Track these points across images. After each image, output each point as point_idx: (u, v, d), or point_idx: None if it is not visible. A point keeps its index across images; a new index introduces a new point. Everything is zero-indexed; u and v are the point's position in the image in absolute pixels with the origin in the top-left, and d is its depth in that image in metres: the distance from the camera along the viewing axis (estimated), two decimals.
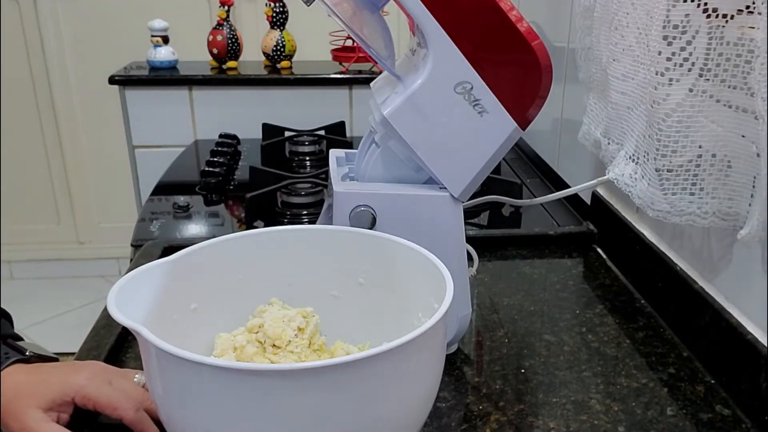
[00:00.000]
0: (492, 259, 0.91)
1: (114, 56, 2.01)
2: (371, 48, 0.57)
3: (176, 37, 1.66)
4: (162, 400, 0.45)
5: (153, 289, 0.50)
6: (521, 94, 0.59)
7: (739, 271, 0.64)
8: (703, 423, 0.59)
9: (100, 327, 0.71)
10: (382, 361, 0.41)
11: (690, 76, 0.59)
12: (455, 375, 0.66)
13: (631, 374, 0.66)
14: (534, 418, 0.60)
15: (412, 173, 0.63)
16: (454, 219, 0.63)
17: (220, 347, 0.54)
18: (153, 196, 1.15)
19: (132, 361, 0.68)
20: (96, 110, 2.43)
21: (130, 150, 1.59)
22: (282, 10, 1.56)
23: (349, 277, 0.59)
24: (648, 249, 0.79)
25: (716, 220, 0.63)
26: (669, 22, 0.59)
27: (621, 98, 0.72)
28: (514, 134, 0.60)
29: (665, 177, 0.63)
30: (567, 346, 0.71)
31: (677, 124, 0.61)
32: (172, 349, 0.40)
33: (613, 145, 0.78)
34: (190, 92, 1.55)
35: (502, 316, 0.77)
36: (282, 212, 1.05)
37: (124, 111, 1.56)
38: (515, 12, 0.57)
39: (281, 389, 0.40)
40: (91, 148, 2.50)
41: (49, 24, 2.33)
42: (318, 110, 1.55)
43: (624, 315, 0.77)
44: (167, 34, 1.61)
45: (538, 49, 0.57)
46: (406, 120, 0.59)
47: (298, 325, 0.55)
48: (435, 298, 0.49)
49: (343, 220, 0.61)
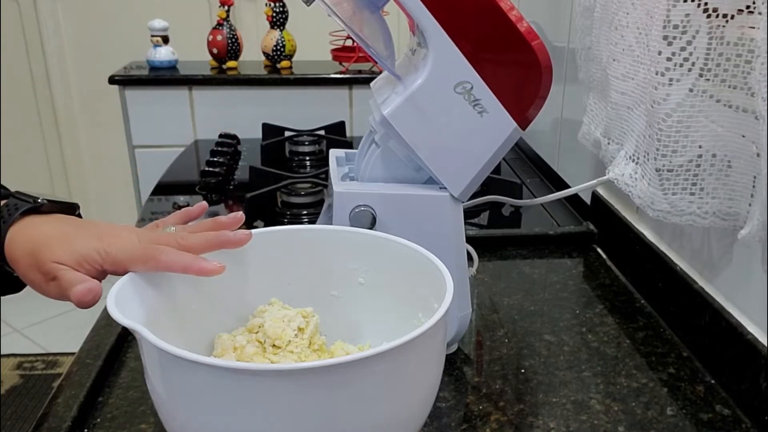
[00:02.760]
0: (492, 259, 0.91)
1: (114, 56, 2.01)
2: (371, 48, 0.57)
3: (176, 37, 1.66)
4: (162, 400, 0.45)
5: (153, 289, 0.50)
6: (521, 94, 0.59)
7: (739, 271, 0.64)
8: (703, 423, 0.59)
9: (100, 327, 0.71)
10: (382, 361, 0.41)
11: (690, 76, 0.59)
12: (455, 375, 0.66)
13: (631, 374, 0.66)
14: (534, 418, 0.60)
15: (412, 173, 0.63)
16: (454, 219, 0.63)
17: (220, 347, 0.54)
18: (153, 196, 1.15)
19: (132, 361, 0.68)
20: (96, 110, 2.43)
21: (130, 150, 1.59)
22: (282, 10, 1.56)
23: (349, 277, 0.59)
24: (648, 249, 0.79)
25: (716, 220, 0.63)
26: (669, 22, 0.59)
27: (621, 98, 0.72)
28: (514, 134, 0.60)
29: (665, 177, 0.63)
30: (567, 346, 0.71)
31: (677, 124, 0.61)
32: (172, 349, 0.40)
33: (613, 145, 0.78)
34: (190, 92, 1.55)
35: (502, 316, 0.77)
36: (282, 212, 1.05)
37: (124, 111, 1.56)
38: (515, 12, 0.57)
39: (281, 389, 0.40)
40: (91, 148, 2.50)
41: (49, 24, 2.33)
42: (318, 110, 1.55)
43: (624, 315, 0.77)
44: (167, 34, 1.61)
45: (538, 49, 0.57)
46: (406, 120, 0.59)
47: (298, 325, 0.55)
48: (435, 298, 0.49)
49: (343, 220, 0.61)
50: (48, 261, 0.49)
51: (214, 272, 0.50)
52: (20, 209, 0.52)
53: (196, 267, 0.50)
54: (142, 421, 0.59)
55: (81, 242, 0.50)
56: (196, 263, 0.50)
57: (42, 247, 0.50)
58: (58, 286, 0.49)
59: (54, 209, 0.55)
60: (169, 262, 0.50)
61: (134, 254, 0.50)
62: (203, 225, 0.56)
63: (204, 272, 0.50)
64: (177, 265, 0.50)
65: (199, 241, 0.53)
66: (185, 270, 0.50)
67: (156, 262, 0.50)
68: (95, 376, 0.63)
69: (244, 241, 0.55)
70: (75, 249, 0.50)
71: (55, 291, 0.49)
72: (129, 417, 0.59)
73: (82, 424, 0.58)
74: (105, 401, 0.62)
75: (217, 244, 0.54)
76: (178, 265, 0.50)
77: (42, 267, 0.49)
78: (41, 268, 0.49)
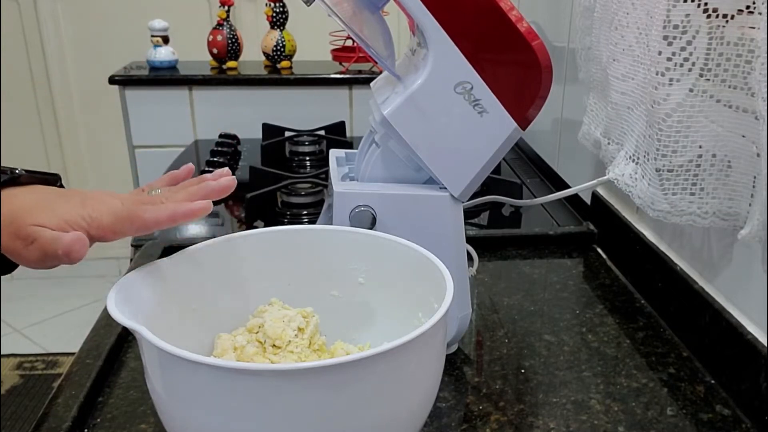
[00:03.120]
0: (492, 259, 0.91)
1: (114, 56, 2.01)
2: (371, 48, 0.57)
3: (176, 37, 1.66)
4: (162, 400, 0.45)
5: (153, 289, 0.50)
6: (521, 94, 0.59)
7: (739, 271, 0.64)
8: (703, 423, 0.59)
9: (100, 327, 0.71)
10: (382, 361, 0.41)
11: (690, 76, 0.59)
12: (455, 375, 0.66)
13: (631, 374, 0.66)
14: (534, 418, 0.60)
15: (412, 173, 0.63)
16: (454, 219, 0.63)
17: (220, 347, 0.54)
18: None
19: (132, 361, 0.68)
20: (96, 110, 2.43)
21: (130, 150, 1.59)
22: (282, 10, 1.56)
23: (349, 277, 0.59)
24: (648, 249, 0.79)
25: (716, 220, 0.63)
26: (669, 22, 0.59)
27: (621, 98, 0.72)
28: (514, 134, 0.60)
29: (665, 177, 0.63)
30: (567, 346, 0.71)
31: (677, 124, 0.61)
32: (172, 349, 0.40)
33: (613, 145, 0.78)
34: (190, 92, 1.55)
35: (502, 316, 0.77)
36: (282, 212, 1.05)
37: (124, 111, 1.56)
38: (515, 12, 0.57)
39: (281, 389, 0.40)
40: (91, 148, 2.50)
41: (49, 24, 2.33)
42: (318, 110, 1.55)
43: (624, 315, 0.77)
44: (167, 34, 1.61)
45: (538, 49, 0.57)
46: (406, 120, 0.59)
47: (298, 325, 0.55)
48: (435, 298, 0.49)
49: (343, 220, 0.61)
50: (27, 225, 0.46)
51: (202, 211, 0.48)
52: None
53: (181, 212, 0.48)
54: (142, 421, 0.59)
55: (64, 207, 0.48)
56: (181, 208, 0.48)
57: (21, 212, 0.47)
58: (39, 246, 0.46)
59: (33, 180, 0.52)
60: (155, 218, 0.48)
61: (120, 216, 0.48)
62: (188, 183, 0.54)
63: (192, 214, 0.48)
64: (163, 217, 0.48)
65: (182, 194, 0.51)
66: (172, 219, 0.48)
67: (141, 220, 0.48)
68: (95, 376, 0.63)
69: (228, 187, 0.52)
70: (57, 214, 0.47)
71: (36, 254, 0.46)
72: (129, 417, 0.59)
73: (82, 424, 0.58)
74: (105, 401, 0.62)
75: (200, 195, 0.51)
76: (164, 217, 0.48)
77: (21, 232, 0.46)
78: (20, 233, 0.46)
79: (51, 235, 0.46)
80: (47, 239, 0.46)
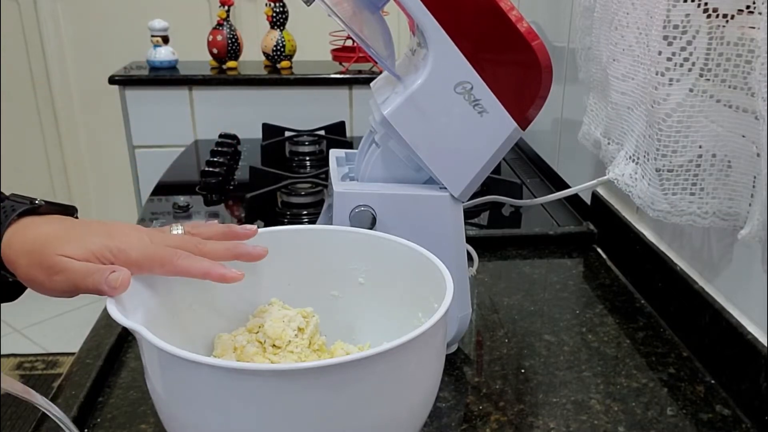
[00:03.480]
0: (492, 259, 0.91)
1: (114, 56, 2.01)
2: (371, 48, 0.57)
3: (176, 37, 1.66)
4: (162, 400, 0.45)
5: (153, 289, 0.50)
6: (521, 94, 0.59)
7: (739, 271, 0.64)
8: (703, 423, 0.59)
9: (100, 327, 0.71)
10: (382, 361, 0.41)
11: (690, 76, 0.59)
12: (455, 375, 0.66)
13: (631, 374, 0.66)
14: (534, 418, 0.60)
15: (412, 173, 0.63)
16: (454, 219, 0.63)
17: (220, 347, 0.54)
18: (153, 196, 1.15)
19: (132, 361, 0.68)
20: (96, 110, 2.43)
21: (130, 150, 1.59)
22: (282, 10, 1.56)
23: (349, 277, 0.59)
24: (648, 249, 0.79)
25: (716, 220, 0.63)
26: (669, 22, 0.59)
27: (621, 98, 0.72)
28: (514, 134, 0.60)
29: (665, 177, 0.63)
30: (567, 346, 0.71)
31: (677, 124, 0.61)
32: (172, 349, 0.40)
33: (613, 145, 0.78)
34: (190, 92, 1.55)
35: (502, 316, 0.77)
36: (282, 212, 1.05)
37: (124, 111, 1.56)
38: (515, 12, 0.57)
39: (281, 389, 0.40)
40: (91, 148, 2.50)
41: (49, 24, 2.33)
42: (318, 110, 1.55)
43: (624, 315, 0.77)
44: (167, 34, 1.61)
45: (538, 49, 0.57)
46: (406, 120, 0.59)
47: (298, 325, 0.55)
48: (435, 298, 0.49)
49: (343, 220, 0.61)
50: (53, 255, 0.47)
51: (234, 279, 0.49)
52: (17, 210, 0.50)
53: (216, 273, 0.49)
54: (142, 421, 0.59)
55: (90, 238, 0.48)
56: (216, 269, 0.49)
57: (45, 243, 0.48)
58: (68, 279, 0.46)
59: (52, 211, 0.53)
60: (189, 267, 0.49)
61: (150, 255, 0.48)
62: (215, 229, 0.55)
63: (225, 279, 0.49)
64: (196, 270, 0.49)
65: (218, 249, 0.52)
66: (205, 276, 0.49)
67: (173, 266, 0.48)
68: (95, 376, 0.63)
69: (262, 255, 0.53)
70: (84, 245, 0.47)
71: (63, 285, 0.47)
72: (129, 417, 0.59)
73: (82, 425, 0.58)
74: (105, 401, 0.62)
75: (235, 254, 0.52)
76: (197, 271, 0.49)
77: (46, 261, 0.47)
78: (44, 263, 0.47)
79: (81, 269, 0.46)
80: (78, 272, 0.46)
